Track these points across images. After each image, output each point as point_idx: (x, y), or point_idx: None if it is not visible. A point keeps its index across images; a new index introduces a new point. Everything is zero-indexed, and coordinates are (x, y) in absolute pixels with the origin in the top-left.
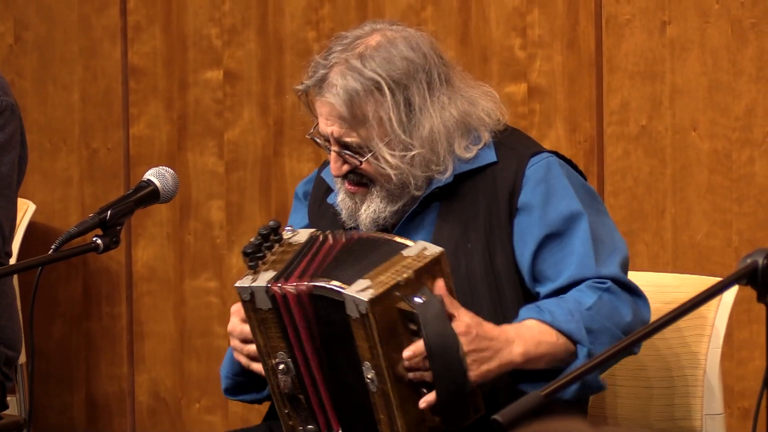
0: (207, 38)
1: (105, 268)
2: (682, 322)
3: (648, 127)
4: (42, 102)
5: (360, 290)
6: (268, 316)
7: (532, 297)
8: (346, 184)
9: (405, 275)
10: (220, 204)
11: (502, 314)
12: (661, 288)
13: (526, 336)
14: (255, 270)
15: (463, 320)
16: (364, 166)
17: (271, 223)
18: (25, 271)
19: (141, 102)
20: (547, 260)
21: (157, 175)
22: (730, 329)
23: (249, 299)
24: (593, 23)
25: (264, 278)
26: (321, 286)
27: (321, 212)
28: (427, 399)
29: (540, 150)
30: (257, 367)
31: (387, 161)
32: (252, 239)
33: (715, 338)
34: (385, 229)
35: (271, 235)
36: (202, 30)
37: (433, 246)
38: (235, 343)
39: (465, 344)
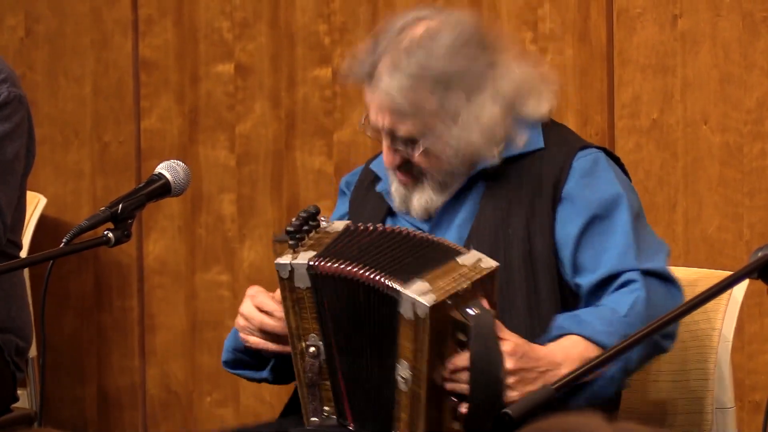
0: (218, 31)
1: (116, 261)
2: (694, 316)
3: (659, 121)
4: (53, 95)
5: (421, 293)
6: (305, 295)
7: (566, 286)
8: (398, 175)
9: (464, 285)
10: (232, 197)
11: (536, 302)
12: None
13: (573, 356)
14: (294, 250)
15: (512, 340)
16: (416, 158)
17: (311, 207)
18: (37, 265)
19: (152, 95)
20: (587, 251)
21: (168, 169)
22: (740, 323)
23: (287, 277)
24: (604, 17)
25: (305, 256)
26: (377, 280)
27: (366, 199)
28: (460, 409)
29: (589, 144)
30: (274, 347)
31: (436, 155)
32: (293, 219)
33: (726, 332)
34: (436, 208)
35: (310, 220)
36: (214, 23)
37: (488, 259)
38: (245, 325)
39: (511, 363)
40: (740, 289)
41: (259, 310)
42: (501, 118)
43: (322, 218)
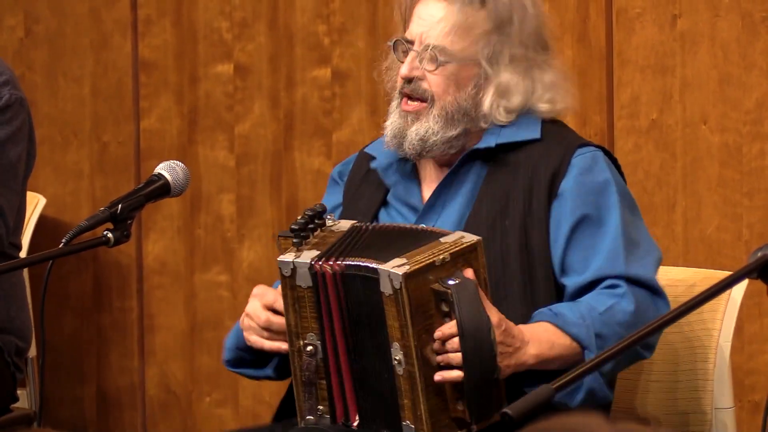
0: (217, 32)
1: (115, 261)
2: (692, 316)
3: (658, 121)
4: (53, 95)
5: (395, 266)
6: (306, 294)
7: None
8: (404, 102)
9: (441, 257)
10: (231, 198)
11: (531, 293)
12: (672, 282)
13: (541, 338)
14: (298, 248)
15: (494, 312)
16: (437, 74)
17: (317, 206)
18: (36, 265)
19: (152, 95)
20: (577, 252)
21: (167, 169)
22: (740, 323)
23: (290, 275)
24: (604, 17)
25: (308, 255)
26: (356, 265)
27: (361, 190)
28: (451, 375)
29: (588, 142)
30: (270, 345)
31: (456, 82)
32: (299, 218)
33: (725, 332)
34: (431, 147)
35: (315, 218)
36: (213, 23)
37: (471, 235)
38: (249, 324)
39: (496, 334)
40: (739, 290)
41: (268, 308)
42: (519, 90)
43: (328, 217)
